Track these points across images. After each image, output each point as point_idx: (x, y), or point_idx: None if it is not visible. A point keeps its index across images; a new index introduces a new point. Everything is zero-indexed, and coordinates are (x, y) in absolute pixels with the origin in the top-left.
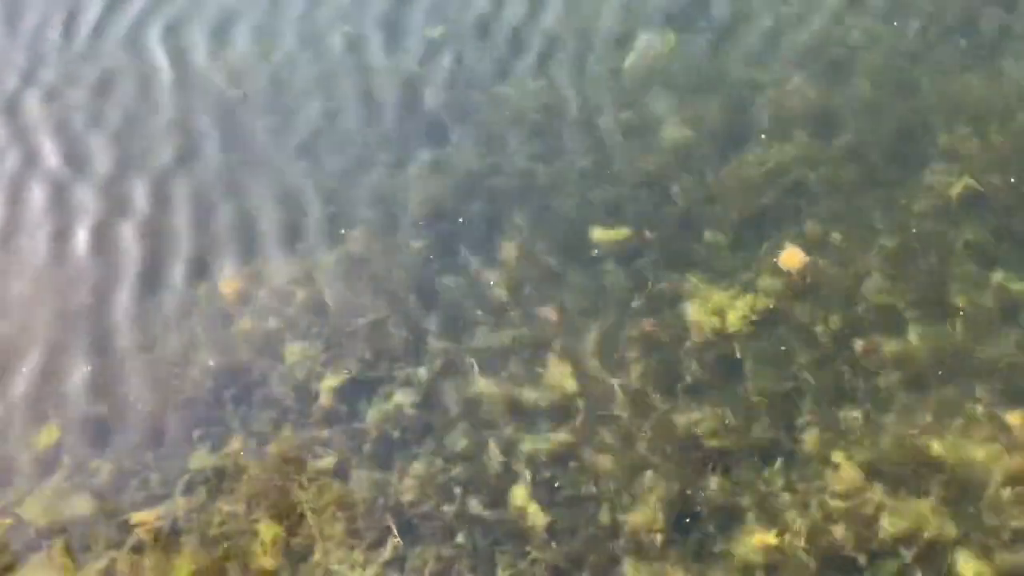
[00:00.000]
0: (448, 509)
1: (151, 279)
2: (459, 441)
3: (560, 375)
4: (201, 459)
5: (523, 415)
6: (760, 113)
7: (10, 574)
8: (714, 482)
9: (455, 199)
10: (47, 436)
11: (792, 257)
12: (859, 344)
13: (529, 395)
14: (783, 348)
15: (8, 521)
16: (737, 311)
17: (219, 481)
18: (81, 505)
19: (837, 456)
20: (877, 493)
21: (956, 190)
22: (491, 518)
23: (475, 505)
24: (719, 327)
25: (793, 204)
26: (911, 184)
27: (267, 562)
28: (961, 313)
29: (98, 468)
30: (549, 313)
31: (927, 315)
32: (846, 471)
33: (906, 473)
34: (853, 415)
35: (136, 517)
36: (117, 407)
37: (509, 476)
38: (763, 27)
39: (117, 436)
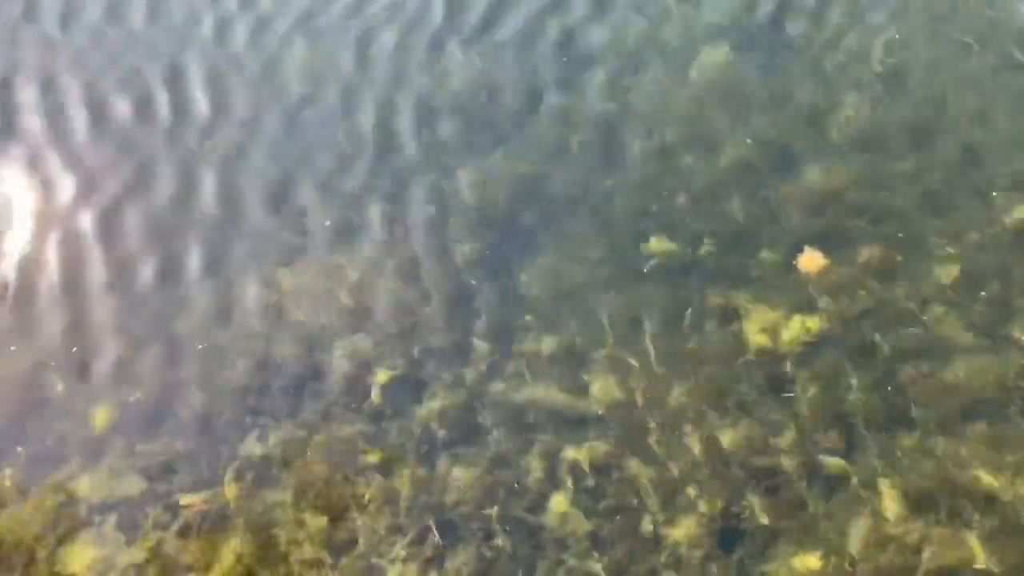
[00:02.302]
0: (489, 511)
1: (205, 269)
2: (503, 444)
3: (606, 385)
4: (250, 447)
5: (568, 422)
6: (822, 132)
7: (63, 547)
8: (758, 501)
9: (509, 204)
10: (102, 417)
11: (811, 260)
12: (913, 370)
13: (574, 403)
14: (835, 370)
15: (62, 497)
16: (790, 331)
17: (267, 470)
18: (132, 485)
19: (884, 482)
20: (923, 522)
21: (1019, 219)
22: (532, 523)
23: (516, 509)
24: (771, 345)
25: (852, 226)
26: (973, 211)
27: (310, 553)
28: (1021, 344)
29: (149, 450)
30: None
31: (985, 345)
32: (893, 498)
33: (954, 504)
34: (903, 442)
35: (184, 500)
36: (170, 392)
37: (551, 482)
38: (826, 46)
39: (169, 421)
